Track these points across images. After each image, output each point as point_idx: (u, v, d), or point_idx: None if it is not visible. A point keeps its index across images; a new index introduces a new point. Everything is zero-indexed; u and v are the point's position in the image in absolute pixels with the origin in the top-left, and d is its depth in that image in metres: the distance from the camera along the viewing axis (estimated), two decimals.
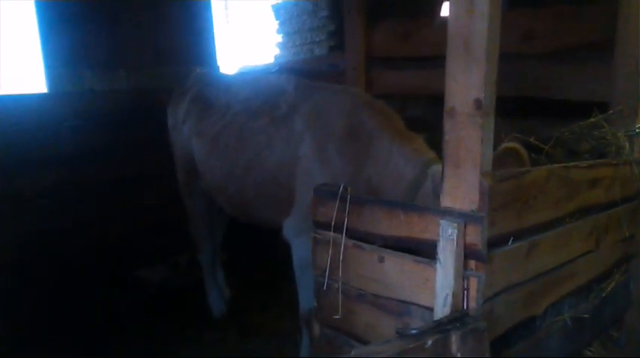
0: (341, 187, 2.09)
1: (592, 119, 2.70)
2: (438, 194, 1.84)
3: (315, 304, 2.30)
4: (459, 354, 1.61)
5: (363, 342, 2.07)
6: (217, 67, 5.14)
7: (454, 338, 1.60)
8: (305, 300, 2.90)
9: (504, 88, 1.89)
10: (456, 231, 1.69)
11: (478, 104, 1.65)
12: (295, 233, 2.89)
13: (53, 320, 3.63)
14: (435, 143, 2.14)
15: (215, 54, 5.15)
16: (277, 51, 5.29)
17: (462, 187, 1.74)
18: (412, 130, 2.74)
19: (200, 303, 4.00)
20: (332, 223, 2.12)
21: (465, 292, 1.74)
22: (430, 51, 3.75)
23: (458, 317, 1.68)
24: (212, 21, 5.12)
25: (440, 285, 1.74)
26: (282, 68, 4.81)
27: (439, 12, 4.32)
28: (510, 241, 1.86)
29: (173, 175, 3.89)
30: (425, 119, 3.28)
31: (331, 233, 2.12)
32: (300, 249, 2.86)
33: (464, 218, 1.71)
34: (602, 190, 2.42)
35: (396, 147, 2.58)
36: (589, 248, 2.40)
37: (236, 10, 8.96)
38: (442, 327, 1.62)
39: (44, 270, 3.78)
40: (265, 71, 4.90)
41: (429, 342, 1.55)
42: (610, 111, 2.73)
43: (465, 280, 1.74)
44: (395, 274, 1.93)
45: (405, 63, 4.07)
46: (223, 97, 3.46)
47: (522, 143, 2.30)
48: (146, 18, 4.55)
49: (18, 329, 3.49)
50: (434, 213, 1.81)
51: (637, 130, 2.65)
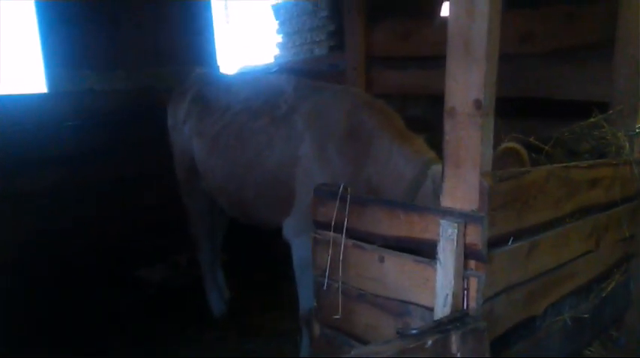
0: (341, 187, 2.10)
1: (592, 119, 2.70)
2: (438, 194, 1.84)
3: (315, 304, 2.30)
4: (459, 354, 1.61)
5: (363, 342, 2.07)
6: (217, 67, 5.14)
7: (454, 338, 1.61)
8: (305, 300, 2.90)
9: (504, 89, 1.90)
10: (456, 231, 1.69)
11: (478, 104, 1.65)
12: (295, 233, 2.89)
13: (53, 320, 3.63)
14: (435, 143, 2.14)
15: (215, 54, 5.15)
16: (277, 51, 5.29)
17: (462, 187, 1.74)
18: (412, 130, 2.73)
19: (200, 303, 4.00)
20: (332, 223, 2.12)
21: (465, 292, 1.75)
22: (430, 51, 3.75)
23: (458, 317, 1.68)
24: (212, 21, 5.13)
25: (440, 285, 1.74)
26: (282, 68, 4.81)
27: (439, 12, 4.32)
28: (510, 241, 1.87)
29: (173, 175, 3.89)
30: (425, 119, 3.29)
31: (331, 233, 2.12)
32: (300, 249, 2.85)
33: (464, 218, 1.72)
34: (602, 190, 2.42)
35: (396, 147, 2.57)
36: (589, 248, 2.40)
37: (236, 10, 8.95)
38: (442, 327, 1.63)
39: (44, 270, 3.78)
40: (265, 71, 4.90)
41: (429, 342, 1.55)
42: (610, 111, 2.73)
43: (465, 280, 1.74)
44: (395, 274, 1.93)
45: (405, 63, 4.07)
46: (223, 97, 3.46)
47: (522, 143, 2.30)
48: (146, 18, 4.55)
49: (18, 329, 3.49)
50: (434, 213, 1.81)
51: (637, 130, 2.65)
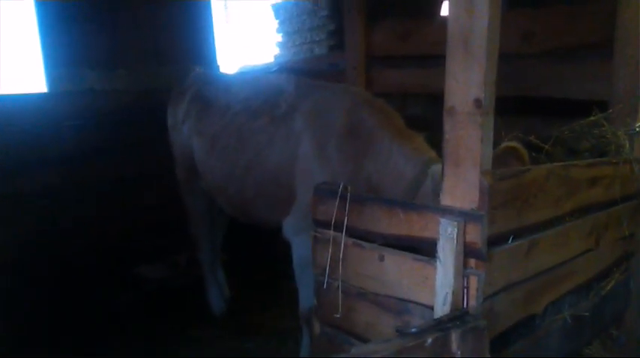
0: (341, 186, 2.10)
1: (592, 118, 2.71)
2: (438, 193, 1.84)
3: (315, 303, 2.30)
4: (459, 353, 1.61)
5: (363, 341, 2.07)
6: (217, 67, 5.13)
7: (454, 336, 1.61)
8: (305, 299, 2.90)
9: (504, 88, 1.90)
10: (456, 230, 1.69)
11: (478, 103, 1.65)
12: (295, 232, 2.89)
13: (53, 320, 3.63)
14: (435, 142, 2.14)
15: (215, 53, 5.15)
16: (277, 50, 5.29)
17: (462, 186, 1.74)
18: (412, 129, 2.73)
19: (200, 303, 4.00)
20: (332, 222, 2.12)
21: (465, 290, 1.75)
22: (430, 50, 3.75)
23: (458, 315, 1.68)
24: (212, 20, 5.12)
25: (440, 284, 1.75)
26: (282, 67, 4.81)
27: (439, 11, 4.33)
28: (510, 240, 1.87)
29: (173, 175, 3.89)
30: (425, 118, 3.28)
31: (331, 231, 2.13)
32: (300, 248, 2.85)
33: (464, 216, 1.72)
34: (602, 189, 2.42)
35: (396, 145, 2.57)
36: (589, 246, 2.40)
37: (236, 10, 8.95)
38: (442, 326, 1.63)
39: (44, 270, 3.76)
40: (265, 70, 4.89)
41: (429, 341, 1.55)
42: (610, 109, 2.73)
43: (465, 278, 1.74)
44: (395, 272, 1.94)
45: (405, 62, 4.07)
46: (223, 97, 3.46)
47: (522, 142, 2.31)
48: (146, 17, 4.54)
49: (18, 329, 3.48)
50: (434, 212, 1.81)
51: (637, 129, 2.65)
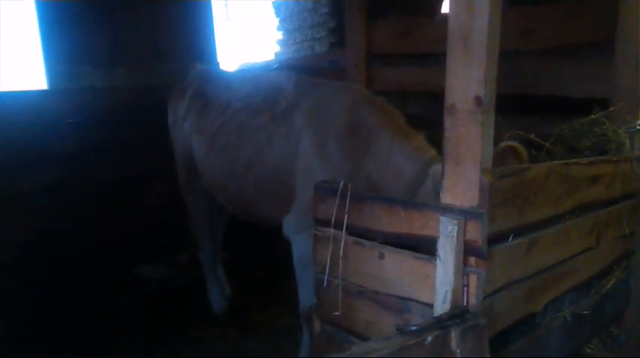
0: (341, 184, 2.09)
1: (592, 116, 2.70)
2: (439, 192, 1.84)
3: (315, 301, 2.30)
4: (459, 351, 1.61)
5: (363, 339, 2.07)
6: (217, 64, 5.13)
7: (454, 334, 1.60)
8: (305, 297, 2.90)
9: (505, 85, 1.89)
10: (456, 228, 1.69)
11: (478, 101, 1.65)
12: (295, 230, 2.89)
13: (53, 320, 3.63)
14: (436, 140, 2.13)
15: (215, 51, 5.14)
16: (277, 48, 5.28)
17: (462, 184, 1.74)
18: (413, 127, 2.73)
19: (200, 302, 4.00)
20: (332, 220, 2.12)
21: (465, 288, 1.75)
22: (430, 48, 3.74)
23: (458, 313, 1.68)
24: (212, 18, 5.11)
25: (440, 282, 1.74)
26: (282, 65, 4.80)
27: (439, 9, 4.32)
28: (510, 238, 1.87)
29: (173, 175, 3.88)
30: (425, 116, 3.27)
31: (331, 230, 2.12)
32: (300, 246, 2.85)
33: (464, 214, 1.71)
34: (602, 187, 2.42)
35: (397, 144, 2.57)
36: (589, 245, 2.40)
37: (236, 7, 8.95)
38: (442, 324, 1.63)
39: (44, 270, 3.76)
40: (265, 68, 4.89)
41: (429, 339, 1.55)
42: (610, 108, 2.73)
43: (465, 276, 1.74)
44: (395, 271, 1.93)
45: (405, 60, 4.07)
46: (223, 94, 3.45)
47: (523, 140, 2.30)
48: (146, 15, 4.54)
49: (18, 329, 3.49)
50: (434, 210, 1.81)
51: (637, 127, 2.65)
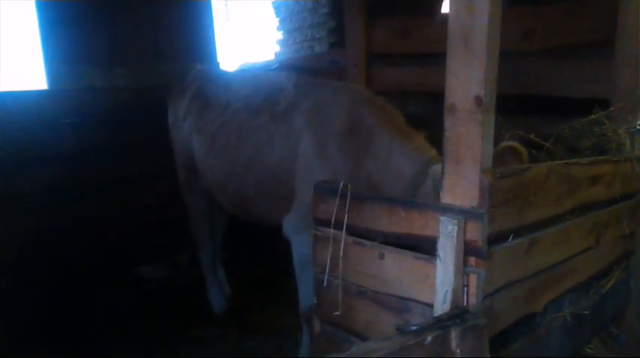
0: (341, 184, 2.09)
1: (593, 116, 2.70)
2: (439, 192, 1.84)
3: (315, 301, 2.30)
4: (459, 351, 1.61)
5: (363, 339, 2.07)
6: (217, 64, 5.13)
7: (454, 334, 1.60)
8: (305, 297, 2.90)
9: (505, 85, 1.89)
10: (456, 228, 1.69)
11: (478, 101, 1.65)
12: (295, 230, 2.89)
13: (53, 320, 3.62)
14: (436, 140, 2.13)
15: (215, 51, 5.14)
16: (277, 48, 5.28)
17: (462, 184, 1.74)
18: (412, 127, 2.73)
19: (200, 302, 4.00)
20: (332, 220, 2.12)
21: (465, 288, 1.74)
22: (430, 48, 3.74)
23: (458, 313, 1.68)
24: (212, 18, 5.11)
25: (440, 282, 1.74)
26: (282, 65, 4.80)
27: (439, 9, 4.32)
28: (510, 238, 1.86)
29: (173, 175, 3.88)
30: (425, 116, 3.27)
31: (331, 230, 2.12)
32: (300, 246, 2.85)
33: (464, 214, 1.71)
34: (602, 187, 2.42)
35: (397, 144, 2.57)
36: (589, 245, 2.40)
37: (236, 8, 8.96)
38: (442, 324, 1.62)
39: (44, 270, 3.76)
40: (265, 68, 4.89)
41: (429, 339, 1.55)
42: (611, 108, 2.73)
43: (465, 276, 1.74)
44: (395, 271, 1.93)
45: (405, 60, 4.07)
46: (223, 94, 3.45)
47: (523, 140, 2.30)
48: (146, 15, 4.54)
49: (18, 329, 3.48)
50: (434, 210, 1.81)
51: (638, 127, 2.65)
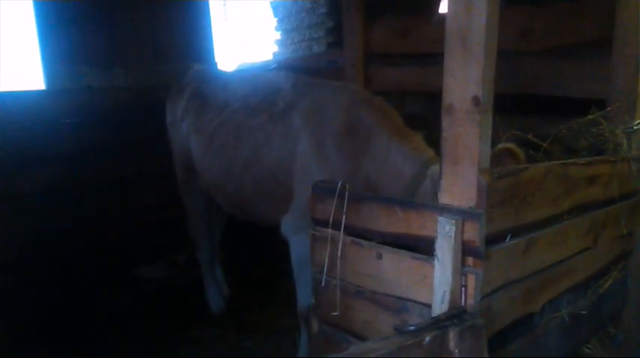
0: (339, 184, 2.09)
1: (590, 116, 2.70)
2: (437, 192, 1.84)
3: (313, 301, 2.30)
4: (457, 351, 1.61)
5: (361, 339, 2.07)
6: (216, 64, 5.13)
7: (452, 334, 1.61)
8: (303, 297, 2.90)
9: (503, 85, 1.89)
10: (454, 228, 1.69)
11: (476, 101, 1.65)
12: (294, 230, 2.89)
13: (53, 320, 3.62)
14: (434, 140, 2.14)
15: (213, 51, 5.14)
16: (276, 48, 5.28)
17: (460, 184, 1.74)
18: (411, 127, 2.73)
19: (199, 302, 4.00)
20: (330, 220, 2.12)
21: (463, 289, 1.75)
22: (428, 48, 3.74)
23: (456, 313, 1.68)
24: (210, 18, 5.12)
25: (438, 282, 1.74)
26: (280, 65, 4.80)
27: (437, 9, 4.32)
28: (508, 238, 1.87)
29: (173, 175, 3.88)
30: (423, 116, 3.29)
31: (329, 230, 2.12)
32: (298, 246, 2.85)
33: (462, 215, 1.71)
34: (600, 187, 2.42)
35: (395, 144, 2.57)
36: (587, 245, 2.40)
37: (234, 8, 8.95)
38: (440, 324, 1.63)
39: (44, 270, 3.76)
40: (264, 68, 4.89)
41: (427, 339, 1.55)
42: (608, 108, 2.73)
43: (463, 277, 1.74)
44: (393, 271, 1.93)
45: (404, 60, 4.06)
46: (221, 94, 3.45)
47: (521, 140, 2.30)
48: (145, 15, 4.53)
49: (18, 329, 3.48)
50: (432, 210, 1.81)
51: (635, 127, 2.65)
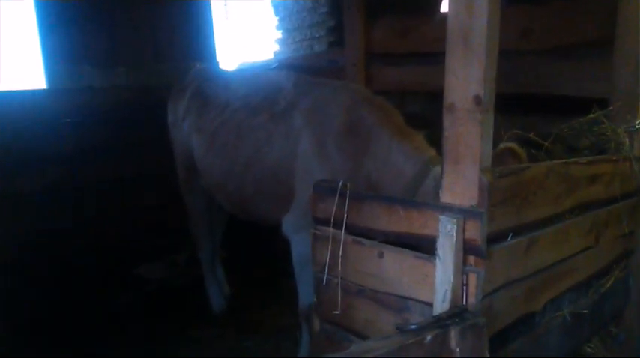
0: (340, 183, 2.09)
1: (592, 115, 2.70)
2: (439, 192, 1.84)
3: (314, 300, 2.30)
4: (458, 350, 1.61)
5: (363, 337, 2.07)
6: (217, 63, 5.13)
7: (453, 333, 1.60)
8: (304, 296, 2.90)
9: (504, 85, 1.89)
10: (456, 227, 1.69)
11: (478, 100, 1.65)
12: (295, 229, 2.89)
13: (53, 320, 3.62)
14: (435, 139, 2.13)
15: (215, 50, 5.14)
16: (277, 47, 5.27)
17: (462, 183, 1.74)
18: (412, 127, 2.73)
19: (199, 302, 4.00)
20: (331, 219, 2.12)
21: (464, 288, 1.75)
22: (429, 47, 3.74)
23: (457, 312, 1.68)
24: (211, 17, 5.12)
25: (439, 281, 1.74)
26: (281, 64, 4.80)
27: (438, 8, 4.32)
28: (509, 237, 1.87)
29: (173, 175, 3.88)
30: (424, 115, 3.28)
31: (331, 229, 2.12)
32: (299, 246, 2.85)
33: (463, 214, 1.71)
34: (601, 186, 2.42)
35: (396, 143, 2.57)
36: (588, 244, 2.40)
37: (235, 7, 8.95)
38: (441, 323, 1.62)
39: (44, 270, 3.77)
40: (265, 67, 4.89)
41: (428, 337, 1.55)
42: (610, 107, 2.73)
43: (464, 276, 1.74)
44: (394, 270, 1.93)
45: (405, 59, 4.06)
46: (222, 94, 3.45)
47: (522, 139, 2.30)
48: (145, 14, 4.54)
49: (18, 329, 3.48)
50: (433, 209, 1.81)
51: (636, 126, 2.65)
